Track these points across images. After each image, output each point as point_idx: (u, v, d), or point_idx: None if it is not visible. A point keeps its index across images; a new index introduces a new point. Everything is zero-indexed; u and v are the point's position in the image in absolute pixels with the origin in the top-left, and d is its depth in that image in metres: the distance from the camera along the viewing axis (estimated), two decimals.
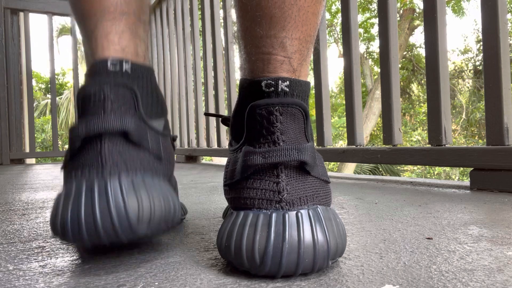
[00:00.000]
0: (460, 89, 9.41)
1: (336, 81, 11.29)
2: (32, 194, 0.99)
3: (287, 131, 0.35)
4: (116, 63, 0.40)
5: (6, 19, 2.89)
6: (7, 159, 2.80)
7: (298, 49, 0.37)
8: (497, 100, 0.83)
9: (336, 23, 9.51)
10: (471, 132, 8.91)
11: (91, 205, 0.33)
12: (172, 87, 2.60)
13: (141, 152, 0.38)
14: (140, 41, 0.44)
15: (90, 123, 0.36)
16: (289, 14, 0.36)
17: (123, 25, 0.42)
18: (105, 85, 0.38)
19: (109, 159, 0.35)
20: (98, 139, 0.36)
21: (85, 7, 0.42)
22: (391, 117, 1.11)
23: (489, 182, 0.83)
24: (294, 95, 0.36)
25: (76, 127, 0.37)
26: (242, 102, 0.39)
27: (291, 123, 0.35)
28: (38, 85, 11.98)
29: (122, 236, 0.33)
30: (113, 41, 0.41)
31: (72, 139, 0.37)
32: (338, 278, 0.32)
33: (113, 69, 0.40)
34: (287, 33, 0.36)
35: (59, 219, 0.34)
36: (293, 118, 0.35)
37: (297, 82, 0.36)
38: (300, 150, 0.34)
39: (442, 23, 0.97)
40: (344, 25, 1.26)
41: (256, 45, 0.37)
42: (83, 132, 0.36)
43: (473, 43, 9.55)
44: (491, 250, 0.39)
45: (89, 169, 0.35)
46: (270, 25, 0.36)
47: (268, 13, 0.36)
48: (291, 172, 0.34)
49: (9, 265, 0.39)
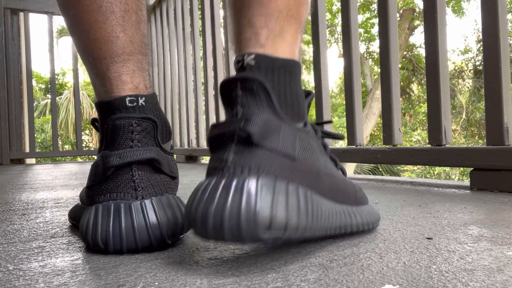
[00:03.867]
0: (460, 89, 9.41)
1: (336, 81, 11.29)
2: (32, 194, 0.99)
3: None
4: (133, 99, 0.46)
5: (6, 19, 2.89)
6: (7, 159, 2.80)
7: (264, 25, 0.38)
8: (497, 100, 0.83)
9: (336, 23, 9.51)
10: (471, 132, 8.91)
11: (131, 222, 0.40)
12: (172, 87, 2.60)
13: (162, 175, 0.45)
14: (146, 75, 0.49)
15: (123, 154, 0.43)
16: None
17: (132, 64, 0.47)
18: (133, 120, 0.44)
19: (140, 184, 0.43)
20: (128, 167, 0.43)
21: (94, 51, 0.46)
22: (391, 117, 1.11)
23: (489, 182, 0.83)
24: (262, 68, 0.37)
25: (110, 156, 0.43)
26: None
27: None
28: (38, 85, 11.98)
29: (155, 244, 0.41)
30: (127, 81, 0.47)
31: (106, 167, 0.43)
32: (338, 278, 0.32)
33: (132, 105, 0.45)
34: (253, 11, 0.39)
35: (99, 233, 0.40)
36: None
37: (265, 57, 0.38)
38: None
39: (442, 23, 0.97)
40: (344, 25, 1.26)
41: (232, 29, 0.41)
42: (118, 162, 0.42)
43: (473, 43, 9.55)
44: (491, 250, 0.39)
45: (125, 193, 0.42)
46: (240, 7, 0.39)
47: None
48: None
49: (9, 265, 0.39)
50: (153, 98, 0.48)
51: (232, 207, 0.32)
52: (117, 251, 0.40)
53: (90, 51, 0.46)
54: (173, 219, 0.42)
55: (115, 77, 0.46)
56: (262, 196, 0.32)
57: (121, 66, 0.46)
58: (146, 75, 0.49)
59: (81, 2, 0.45)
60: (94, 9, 0.45)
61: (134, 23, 0.47)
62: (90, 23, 0.45)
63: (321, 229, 0.38)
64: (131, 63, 0.47)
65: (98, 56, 0.46)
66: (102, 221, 0.41)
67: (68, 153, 3.41)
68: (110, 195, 0.42)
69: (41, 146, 9.66)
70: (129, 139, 0.44)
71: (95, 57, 0.46)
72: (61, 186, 1.17)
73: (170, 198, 0.44)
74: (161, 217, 0.41)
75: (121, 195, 0.42)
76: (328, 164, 0.42)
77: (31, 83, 2.95)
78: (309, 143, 0.39)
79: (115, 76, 0.46)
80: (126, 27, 0.46)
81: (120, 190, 0.42)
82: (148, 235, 0.40)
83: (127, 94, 0.46)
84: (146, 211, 0.41)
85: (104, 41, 0.45)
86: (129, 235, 0.40)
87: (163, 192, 0.44)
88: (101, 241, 0.40)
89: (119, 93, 0.46)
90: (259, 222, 0.31)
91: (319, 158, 0.40)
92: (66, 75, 12.36)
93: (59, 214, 0.67)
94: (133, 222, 0.40)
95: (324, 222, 0.38)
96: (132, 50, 0.47)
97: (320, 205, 0.38)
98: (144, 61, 0.49)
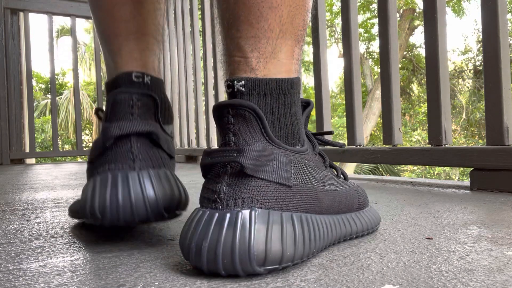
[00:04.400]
0: (460, 89, 9.41)
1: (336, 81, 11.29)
2: (32, 194, 0.99)
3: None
4: (139, 75, 0.47)
5: (6, 19, 2.88)
6: (7, 159, 2.80)
7: (254, 47, 0.37)
8: (497, 100, 0.83)
9: (336, 23, 9.51)
10: (471, 132, 8.91)
11: (128, 191, 0.40)
12: (172, 87, 2.60)
13: (161, 151, 0.46)
14: (156, 58, 0.51)
15: (122, 125, 0.43)
16: (240, 14, 0.36)
17: (144, 44, 0.50)
18: (133, 94, 0.45)
19: (139, 156, 0.43)
20: (127, 139, 0.44)
21: (111, 29, 0.50)
22: (391, 117, 1.11)
23: (489, 182, 0.83)
24: (253, 94, 0.36)
25: (109, 128, 0.43)
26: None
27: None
28: (38, 85, 11.97)
29: (151, 216, 0.42)
30: (137, 58, 0.49)
31: (105, 138, 0.44)
32: (338, 278, 0.32)
33: (137, 80, 0.47)
34: (242, 32, 0.37)
35: (96, 202, 0.40)
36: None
37: (254, 81, 0.36)
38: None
39: (442, 23, 0.97)
40: (344, 25, 1.26)
41: (222, 49, 0.39)
42: (117, 132, 0.43)
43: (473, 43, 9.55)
44: (491, 250, 0.39)
45: (122, 163, 0.42)
46: (229, 26, 0.38)
47: (224, 17, 0.38)
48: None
49: (9, 265, 0.39)
50: (159, 82, 0.50)
51: (226, 243, 0.31)
52: (114, 222, 0.41)
53: (108, 29, 0.50)
54: (170, 192, 0.43)
55: (126, 53, 0.49)
56: (256, 230, 0.32)
57: (133, 44, 0.49)
58: (156, 59, 0.51)
59: None
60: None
61: (151, 10, 0.50)
62: (113, 3, 0.49)
63: (319, 249, 0.38)
64: (143, 43, 0.50)
65: (114, 33, 0.49)
66: (100, 191, 0.40)
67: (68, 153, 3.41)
68: (109, 165, 0.43)
69: (41, 146, 9.66)
70: (129, 112, 0.45)
71: (112, 34, 0.49)
72: (61, 186, 1.17)
73: (168, 173, 0.45)
74: (158, 189, 0.42)
75: (119, 165, 0.42)
76: (328, 179, 0.42)
77: (31, 83, 2.95)
78: (305, 164, 0.38)
79: (127, 52, 0.49)
80: (143, 12, 0.49)
81: (118, 160, 0.42)
82: (145, 206, 0.41)
83: (135, 69, 0.48)
84: (144, 182, 0.41)
85: (122, 20, 0.49)
86: (126, 205, 0.40)
87: (160, 166, 0.45)
88: (99, 212, 0.40)
89: (128, 68, 0.48)
90: (254, 258, 0.31)
91: (316, 177, 0.40)
92: (66, 75, 12.36)
93: (59, 214, 0.67)
94: (129, 192, 0.40)
95: (322, 241, 0.38)
96: (145, 31, 0.50)
97: (318, 224, 0.38)
98: (156, 46, 0.51)
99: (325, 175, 0.42)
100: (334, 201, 0.42)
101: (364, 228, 0.46)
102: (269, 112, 0.37)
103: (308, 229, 0.36)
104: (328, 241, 0.40)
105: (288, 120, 0.38)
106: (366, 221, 0.46)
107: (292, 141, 0.38)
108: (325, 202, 0.40)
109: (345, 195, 0.44)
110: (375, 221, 0.48)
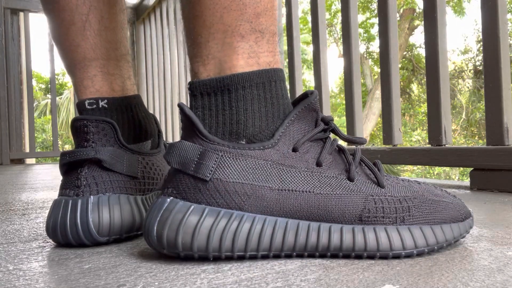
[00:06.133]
0: (460, 89, 9.41)
1: (336, 81, 11.29)
2: (32, 194, 0.99)
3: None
4: (92, 102, 0.49)
5: (6, 19, 2.88)
6: (7, 159, 2.80)
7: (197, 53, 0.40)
8: (497, 100, 0.83)
9: (336, 23, 9.51)
10: (471, 132, 8.91)
11: (66, 217, 0.44)
12: (172, 87, 2.60)
13: (114, 175, 0.47)
14: (114, 78, 0.52)
15: (73, 154, 0.46)
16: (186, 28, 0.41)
17: (94, 69, 0.51)
18: (89, 121, 0.47)
19: (83, 182, 0.45)
20: (79, 165, 0.46)
21: (63, 59, 0.52)
22: (391, 117, 1.11)
23: (489, 182, 0.83)
24: (197, 95, 0.39)
25: (62, 155, 0.47)
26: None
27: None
28: (38, 85, 11.98)
29: (86, 241, 0.44)
30: (88, 85, 0.51)
31: (59, 165, 0.48)
32: (339, 278, 0.32)
33: (91, 107, 0.49)
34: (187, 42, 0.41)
35: (47, 223, 0.45)
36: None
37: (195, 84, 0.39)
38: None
39: (442, 23, 0.97)
40: (344, 25, 1.26)
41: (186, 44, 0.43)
42: (65, 161, 0.46)
43: (473, 43, 9.55)
44: (491, 250, 0.39)
45: (69, 189, 0.46)
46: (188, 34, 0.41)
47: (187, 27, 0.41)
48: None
49: (9, 265, 0.39)
50: (123, 101, 0.51)
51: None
52: (60, 244, 0.45)
53: (62, 59, 0.52)
54: (109, 218, 0.44)
55: (78, 82, 0.51)
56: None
57: (82, 72, 0.51)
58: (114, 79, 0.52)
59: (51, 17, 0.51)
60: (58, 23, 0.50)
61: (96, 32, 0.51)
62: (58, 35, 0.51)
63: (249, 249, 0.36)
64: (92, 68, 0.51)
65: (65, 63, 0.52)
66: (49, 214, 0.45)
67: None
68: (62, 191, 0.46)
69: (42, 146, 9.66)
70: (84, 139, 0.47)
71: (65, 64, 0.52)
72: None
73: (114, 198, 0.46)
74: (92, 215, 0.44)
75: (66, 192, 0.46)
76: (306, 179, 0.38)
77: (31, 83, 2.95)
78: (245, 160, 0.37)
79: (78, 81, 0.51)
80: (87, 36, 0.50)
81: (67, 187, 0.46)
82: (76, 231, 0.43)
83: (87, 97, 0.50)
84: (79, 208, 0.44)
85: (68, 50, 0.51)
86: (62, 230, 0.43)
87: (108, 191, 0.46)
88: (47, 233, 0.45)
89: (81, 97, 0.50)
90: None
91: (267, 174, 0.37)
92: (66, 75, 12.35)
93: None
94: (65, 218, 0.44)
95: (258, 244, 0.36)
96: (93, 56, 0.51)
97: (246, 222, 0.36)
98: (110, 66, 0.52)
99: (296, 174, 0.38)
100: (307, 205, 0.37)
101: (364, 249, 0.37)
102: (207, 110, 0.39)
103: (217, 223, 0.36)
104: (278, 247, 0.36)
105: (233, 116, 0.38)
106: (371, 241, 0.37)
107: (236, 137, 0.38)
108: (281, 202, 0.37)
109: (336, 200, 0.38)
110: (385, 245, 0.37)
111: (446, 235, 0.39)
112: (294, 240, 0.37)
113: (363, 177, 0.40)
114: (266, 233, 0.36)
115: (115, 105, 0.50)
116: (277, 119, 0.39)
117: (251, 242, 0.36)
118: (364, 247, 0.37)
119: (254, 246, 0.36)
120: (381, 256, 0.37)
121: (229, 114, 0.38)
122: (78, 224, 0.43)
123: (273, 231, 0.36)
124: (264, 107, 0.39)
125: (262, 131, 0.39)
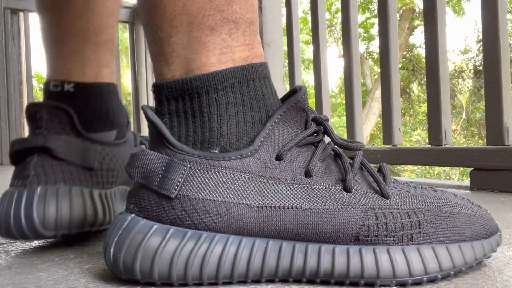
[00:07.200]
0: (460, 89, 9.41)
1: (336, 81, 11.29)
2: None
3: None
4: (58, 84, 0.46)
5: (6, 19, 2.88)
6: (7, 159, 2.80)
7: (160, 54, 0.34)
8: (497, 100, 0.83)
9: (336, 22, 9.52)
10: (471, 132, 8.91)
11: (10, 209, 0.40)
12: None
13: (65, 165, 0.44)
14: (88, 62, 0.48)
15: (22, 141, 0.43)
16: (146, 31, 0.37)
17: (68, 48, 0.47)
18: (43, 107, 0.44)
19: (32, 172, 0.42)
20: (29, 154, 0.43)
21: (43, 34, 0.49)
22: (391, 117, 1.11)
23: (489, 182, 0.83)
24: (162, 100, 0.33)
25: (12, 143, 0.44)
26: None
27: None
28: (39, 85, 11.97)
29: (30, 236, 0.41)
30: (58, 64, 0.47)
31: (9, 154, 0.45)
32: None
33: (54, 90, 0.46)
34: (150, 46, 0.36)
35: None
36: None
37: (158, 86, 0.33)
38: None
39: (442, 23, 0.97)
40: (344, 25, 1.26)
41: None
42: (16, 148, 0.43)
43: (473, 43, 9.55)
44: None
45: (18, 179, 0.42)
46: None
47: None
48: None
49: (9, 265, 0.39)
50: (90, 86, 0.48)
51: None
52: (4, 237, 0.42)
53: (42, 32, 0.50)
54: (55, 211, 0.41)
55: (48, 60, 0.47)
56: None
57: (57, 49, 0.47)
58: (89, 63, 0.48)
59: None
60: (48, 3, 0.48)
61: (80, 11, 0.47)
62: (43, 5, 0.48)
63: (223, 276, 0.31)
64: (68, 46, 0.47)
65: (44, 36, 0.49)
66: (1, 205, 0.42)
67: None
68: (13, 181, 0.43)
69: None
70: (36, 126, 0.44)
71: (43, 38, 0.49)
72: None
73: (65, 189, 0.42)
74: (37, 207, 0.40)
75: (15, 182, 0.43)
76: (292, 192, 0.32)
77: (31, 83, 2.95)
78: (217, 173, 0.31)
79: (51, 57, 0.47)
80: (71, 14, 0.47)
81: (16, 177, 0.43)
82: (19, 224, 0.40)
83: (54, 78, 0.46)
84: (24, 200, 0.40)
85: (49, 22, 0.48)
86: (7, 222, 0.40)
87: (58, 182, 0.42)
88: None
89: (50, 76, 0.47)
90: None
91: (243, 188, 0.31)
92: None
93: None
94: (8, 210, 0.40)
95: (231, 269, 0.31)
96: (71, 34, 0.47)
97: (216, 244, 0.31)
98: (87, 49, 0.48)
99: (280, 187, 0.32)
100: (292, 223, 0.31)
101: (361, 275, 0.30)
102: (175, 117, 0.33)
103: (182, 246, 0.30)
104: (256, 272, 0.31)
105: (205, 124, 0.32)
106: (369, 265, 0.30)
107: (208, 146, 0.32)
108: (261, 222, 0.31)
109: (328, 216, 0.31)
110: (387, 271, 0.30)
111: (466, 257, 0.32)
112: (276, 264, 0.31)
113: (364, 186, 0.33)
114: (241, 256, 0.31)
115: (82, 90, 0.47)
116: (258, 124, 0.33)
117: (223, 267, 0.30)
118: (361, 273, 0.30)
119: (227, 272, 0.31)
120: (381, 284, 0.31)
121: (200, 121, 0.32)
122: (21, 217, 0.40)
123: (250, 253, 0.31)
124: (242, 111, 0.33)
125: (240, 139, 0.33)
